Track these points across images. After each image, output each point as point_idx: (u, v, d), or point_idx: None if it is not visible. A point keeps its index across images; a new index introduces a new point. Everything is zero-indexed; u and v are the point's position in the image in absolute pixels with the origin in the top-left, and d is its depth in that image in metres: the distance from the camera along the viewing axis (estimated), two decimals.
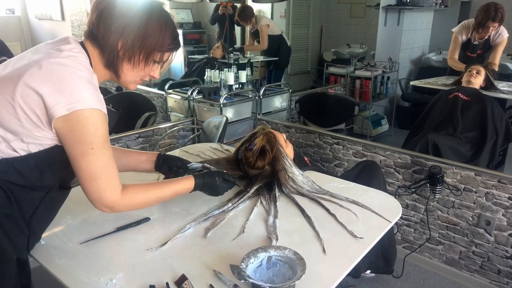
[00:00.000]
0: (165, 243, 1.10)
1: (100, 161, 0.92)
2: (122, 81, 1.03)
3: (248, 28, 3.70)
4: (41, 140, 0.91)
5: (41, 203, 0.98)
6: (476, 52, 2.75)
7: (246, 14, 3.50)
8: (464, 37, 2.76)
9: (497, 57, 2.68)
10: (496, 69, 2.68)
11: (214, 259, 1.03)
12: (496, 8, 2.51)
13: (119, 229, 1.17)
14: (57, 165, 0.96)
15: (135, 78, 1.03)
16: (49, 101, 0.86)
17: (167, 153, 1.49)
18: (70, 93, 0.87)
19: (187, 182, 1.16)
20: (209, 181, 1.20)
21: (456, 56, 2.82)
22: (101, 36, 0.96)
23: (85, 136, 0.89)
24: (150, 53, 1.00)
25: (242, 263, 0.95)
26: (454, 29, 2.81)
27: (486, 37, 2.66)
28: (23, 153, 0.91)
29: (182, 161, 1.35)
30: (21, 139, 0.90)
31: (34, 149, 0.92)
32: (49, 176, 0.97)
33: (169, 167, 1.32)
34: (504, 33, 2.62)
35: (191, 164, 1.35)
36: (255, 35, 3.61)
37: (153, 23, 0.98)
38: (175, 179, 1.17)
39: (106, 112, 0.93)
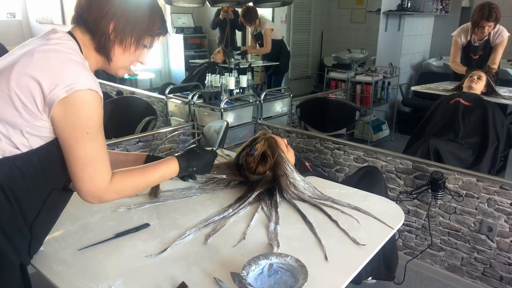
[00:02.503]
0: (165, 249, 1.09)
1: (95, 146, 0.92)
2: (113, 65, 1.04)
3: (250, 30, 3.70)
4: (41, 131, 0.90)
5: (44, 205, 0.97)
6: (478, 54, 2.74)
7: (251, 15, 3.49)
8: (464, 40, 2.76)
9: (497, 57, 2.67)
10: (496, 68, 2.67)
11: (214, 266, 1.02)
12: (490, 8, 2.51)
13: (118, 235, 1.16)
14: (60, 162, 0.94)
15: (125, 62, 1.05)
16: (47, 85, 0.85)
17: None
18: (67, 76, 0.87)
19: (172, 163, 1.13)
20: (192, 155, 1.17)
21: (458, 59, 2.82)
22: (92, 19, 0.96)
23: (80, 120, 0.89)
24: (141, 37, 1.02)
25: (243, 271, 0.93)
26: (454, 33, 2.82)
27: (486, 37, 2.65)
28: (24, 149, 0.90)
29: None
30: (21, 131, 0.89)
31: (34, 143, 0.90)
32: (52, 174, 0.96)
33: None
34: (504, 33, 2.61)
35: None
36: (257, 37, 3.60)
37: (144, 7, 1.01)
38: (159, 162, 1.13)
39: (102, 95, 0.93)
